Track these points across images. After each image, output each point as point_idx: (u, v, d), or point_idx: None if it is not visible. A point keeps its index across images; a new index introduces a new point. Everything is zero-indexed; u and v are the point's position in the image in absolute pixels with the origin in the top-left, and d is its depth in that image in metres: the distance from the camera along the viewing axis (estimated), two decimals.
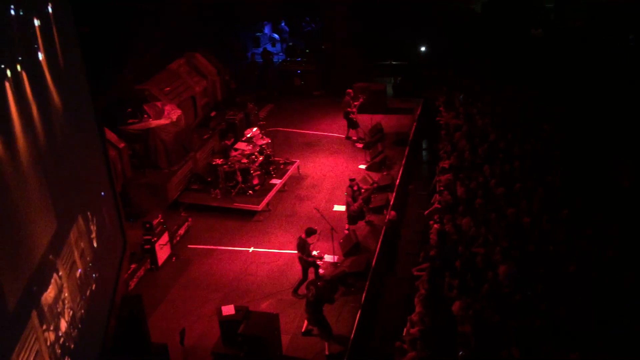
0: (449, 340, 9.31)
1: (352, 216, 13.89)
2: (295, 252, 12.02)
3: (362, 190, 14.42)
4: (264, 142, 16.05)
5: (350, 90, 18.76)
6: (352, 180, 14.18)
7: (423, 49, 24.71)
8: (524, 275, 10.23)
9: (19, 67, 7.01)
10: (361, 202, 13.96)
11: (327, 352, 10.40)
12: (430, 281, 10.80)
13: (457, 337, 9.29)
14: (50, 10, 8.57)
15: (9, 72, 6.62)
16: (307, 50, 25.08)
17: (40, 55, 7.93)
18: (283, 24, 28.36)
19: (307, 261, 11.79)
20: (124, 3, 15.56)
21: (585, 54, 21.18)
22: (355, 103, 18.33)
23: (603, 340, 8.67)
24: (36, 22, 7.83)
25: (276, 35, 28.54)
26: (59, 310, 7.26)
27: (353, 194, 13.91)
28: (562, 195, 12.48)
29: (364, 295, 11.76)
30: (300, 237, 11.83)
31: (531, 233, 11.46)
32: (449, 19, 24.70)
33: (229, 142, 16.46)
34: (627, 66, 19.57)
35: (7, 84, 6.53)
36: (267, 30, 28.75)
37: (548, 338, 8.87)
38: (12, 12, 6.96)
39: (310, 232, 11.79)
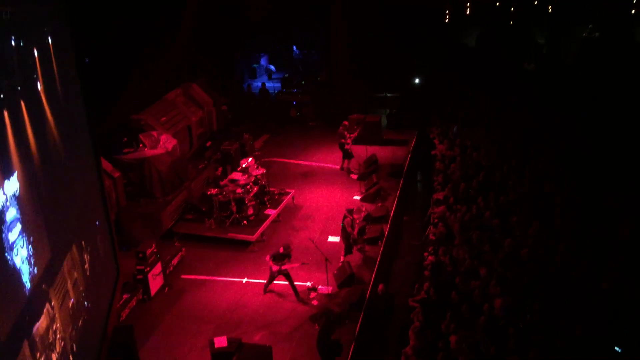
0: None
1: (349, 245, 13.93)
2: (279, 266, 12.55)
3: (357, 221, 14.48)
4: (259, 172, 16.09)
5: (346, 122, 18.95)
6: (349, 210, 14.23)
7: (417, 80, 25.02)
8: (520, 307, 10.20)
9: (17, 97, 7.07)
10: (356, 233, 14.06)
11: None
12: (425, 313, 10.75)
13: None
14: (50, 41, 8.68)
15: (7, 102, 6.67)
16: (303, 82, 25.37)
17: (39, 85, 8.01)
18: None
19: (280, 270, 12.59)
20: (123, 34, 15.75)
21: (578, 88, 21.48)
22: (351, 135, 18.47)
23: None
24: (36, 53, 7.93)
25: (272, 67, 28.87)
26: (50, 340, 7.18)
27: (352, 223, 14.00)
28: (559, 227, 12.50)
29: (358, 326, 11.67)
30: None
31: (527, 265, 11.45)
32: (443, 52, 25.08)
33: (218, 173, 16.57)
34: (619, 100, 19.84)
35: (5, 113, 6.58)
36: (263, 61, 29.11)
37: None
38: (13, 42, 7.05)
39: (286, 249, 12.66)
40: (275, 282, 13.12)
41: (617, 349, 8.91)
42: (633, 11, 27.83)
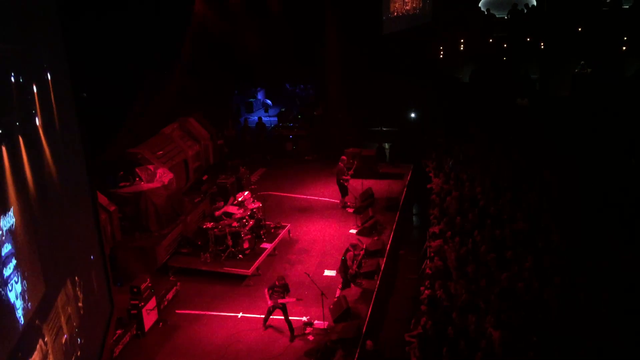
0: None
1: (347, 280, 13.87)
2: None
3: (358, 257, 14.49)
4: (255, 206, 16.09)
5: (344, 157, 19.09)
6: (353, 245, 14.33)
7: (413, 115, 25.27)
8: (518, 342, 10.13)
9: (16, 132, 7.13)
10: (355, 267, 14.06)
11: None
12: (422, 348, 10.65)
13: None
14: (49, 77, 8.78)
15: (6, 137, 6.73)
16: (299, 116, 25.61)
17: (38, 120, 8.08)
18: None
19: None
20: (121, 69, 15.92)
21: (571, 123, 21.77)
22: (350, 171, 18.59)
23: None
24: (35, 89, 8.02)
25: (269, 101, 29.13)
26: None
27: (354, 258, 14.01)
28: (555, 260, 12.51)
29: None
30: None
31: (524, 299, 11.41)
32: (437, 88, 25.39)
33: (219, 205, 16.58)
34: (611, 133, 20.10)
35: (3, 149, 6.62)
36: (260, 96, 29.37)
37: None
38: (12, 79, 7.14)
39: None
40: (272, 316, 13.05)
41: None
42: (624, 48, 28.33)
